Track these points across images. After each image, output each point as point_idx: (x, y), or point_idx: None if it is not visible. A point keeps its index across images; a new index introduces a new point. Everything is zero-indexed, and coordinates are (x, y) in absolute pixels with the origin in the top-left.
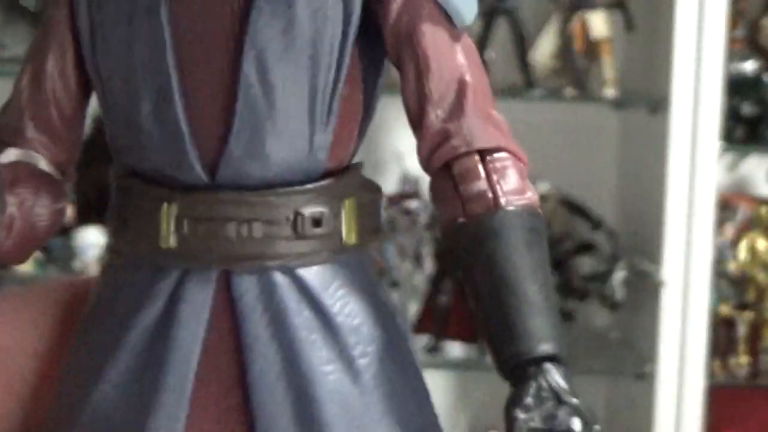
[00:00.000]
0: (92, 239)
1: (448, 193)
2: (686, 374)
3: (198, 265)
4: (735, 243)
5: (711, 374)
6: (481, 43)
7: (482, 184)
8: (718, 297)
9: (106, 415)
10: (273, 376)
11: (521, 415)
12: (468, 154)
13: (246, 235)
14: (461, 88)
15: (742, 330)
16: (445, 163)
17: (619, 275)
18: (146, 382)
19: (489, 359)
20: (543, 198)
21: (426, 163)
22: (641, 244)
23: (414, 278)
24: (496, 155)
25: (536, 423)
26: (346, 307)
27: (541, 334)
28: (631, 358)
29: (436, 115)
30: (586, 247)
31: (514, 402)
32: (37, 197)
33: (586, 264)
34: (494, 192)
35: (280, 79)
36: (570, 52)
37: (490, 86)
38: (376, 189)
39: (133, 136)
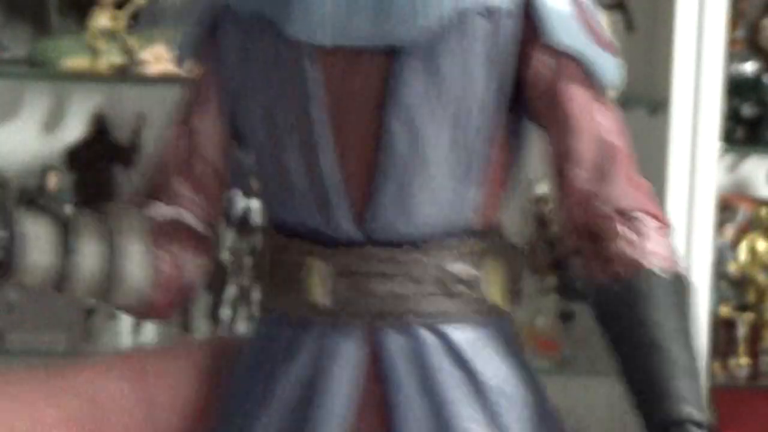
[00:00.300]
0: None
1: (590, 252)
2: None
3: (345, 319)
4: (735, 244)
5: (711, 375)
6: None
7: (626, 246)
8: (719, 298)
9: None
10: (422, 431)
11: None
12: (612, 215)
13: (393, 292)
14: (606, 150)
15: (742, 331)
16: (588, 222)
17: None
18: None
19: None
20: (543, 199)
21: (568, 221)
22: None
23: None
24: (639, 217)
25: None
26: (491, 365)
27: (688, 396)
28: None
29: (580, 176)
30: None
31: None
32: (186, 253)
33: None
34: (638, 254)
35: (428, 135)
36: None
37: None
38: (518, 251)
39: (282, 191)
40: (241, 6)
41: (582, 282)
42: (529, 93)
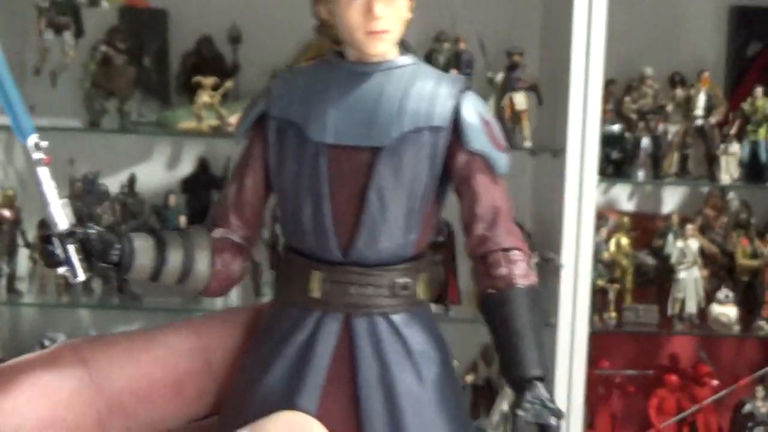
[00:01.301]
0: None
1: (483, 274)
2: (576, 324)
3: (331, 309)
4: (607, 240)
5: (592, 324)
6: None
7: (504, 270)
8: (597, 274)
9: (269, 396)
10: (373, 379)
11: (521, 413)
12: (497, 250)
13: (362, 294)
14: (496, 211)
15: (611, 295)
16: (482, 255)
17: (532, 260)
18: (296, 378)
19: (452, 314)
20: None
21: (470, 253)
22: (548, 240)
23: None
24: (513, 252)
25: (530, 418)
26: (418, 338)
27: (534, 362)
28: (541, 314)
29: (479, 226)
30: None
31: (516, 405)
32: (233, 259)
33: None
34: (511, 275)
35: (390, 202)
36: (502, 119)
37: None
38: (437, 263)
39: (297, 228)
40: (277, 112)
41: (477, 291)
42: (453, 176)
